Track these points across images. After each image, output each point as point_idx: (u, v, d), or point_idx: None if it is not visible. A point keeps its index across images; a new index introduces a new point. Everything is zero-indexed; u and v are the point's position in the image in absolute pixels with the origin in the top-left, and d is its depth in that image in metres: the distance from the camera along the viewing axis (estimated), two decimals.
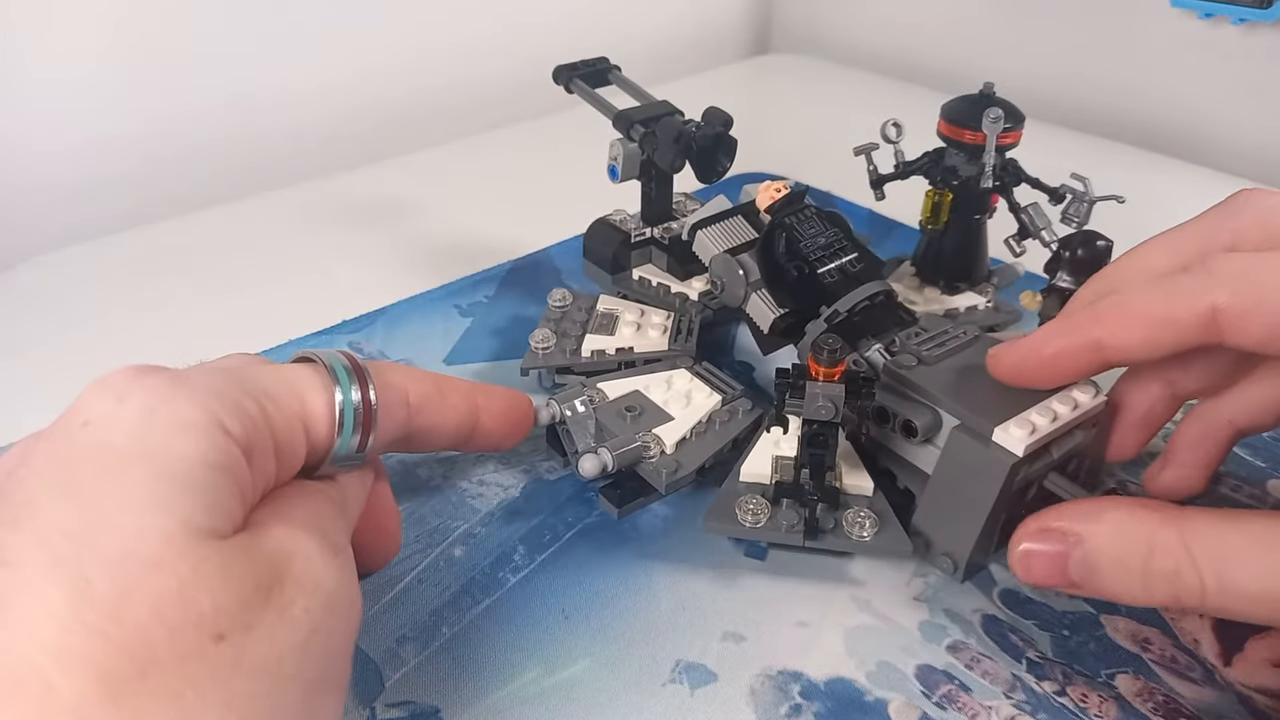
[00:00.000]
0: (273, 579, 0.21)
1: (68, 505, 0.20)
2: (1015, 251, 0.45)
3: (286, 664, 0.21)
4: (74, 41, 0.59)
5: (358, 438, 0.26)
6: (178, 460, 0.21)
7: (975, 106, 0.43)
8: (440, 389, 0.30)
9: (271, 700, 0.20)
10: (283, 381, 0.25)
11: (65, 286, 0.53)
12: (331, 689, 0.23)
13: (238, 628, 0.20)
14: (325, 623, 0.22)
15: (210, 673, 0.19)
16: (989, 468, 0.32)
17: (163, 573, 0.20)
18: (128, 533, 0.20)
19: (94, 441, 0.21)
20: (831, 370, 0.31)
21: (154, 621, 0.19)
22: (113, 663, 0.18)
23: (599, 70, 0.47)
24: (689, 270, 0.46)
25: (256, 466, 0.23)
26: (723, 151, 0.43)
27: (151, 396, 0.22)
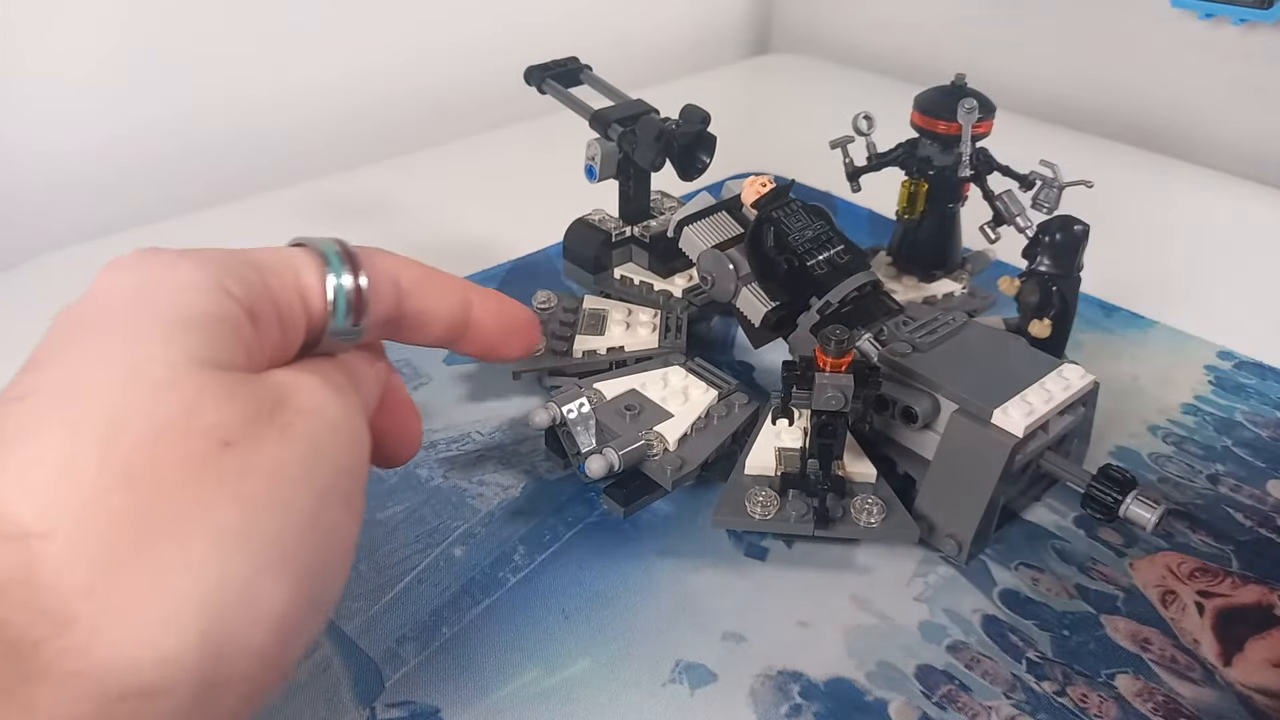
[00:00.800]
0: (275, 403, 0.23)
1: (82, 345, 0.22)
2: (990, 238, 0.45)
3: (292, 471, 0.22)
4: (75, 42, 0.59)
5: (352, 317, 0.27)
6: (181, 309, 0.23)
7: (948, 97, 0.44)
8: (431, 275, 0.31)
9: (281, 503, 0.22)
10: (280, 259, 0.26)
11: (65, 286, 0.53)
12: (341, 504, 0.24)
13: (243, 438, 0.21)
14: (328, 442, 0.24)
15: (220, 473, 0.21)
16: (990, 449, 0.32)
17: (170, 390, 0.21)
18: (135, 360, 0.21)
19: (106, 301, 0.23)
20: (839, 361, 0.31)
21: (164, 429, 0.21)
22: (126, 461, 0.20)
23: (571, 70, 0.47)
24: (671, 268, 0.46)
25: (263, 329, 0.25)
26: (703, 149, 0.43)
27: (158, 265, 0.24)
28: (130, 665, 0.19)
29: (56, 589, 0.19)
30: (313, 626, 0.23)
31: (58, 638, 0.18)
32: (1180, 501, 0.38)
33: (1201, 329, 0.50)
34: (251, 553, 0.21)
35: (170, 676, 0.19)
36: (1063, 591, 0.34)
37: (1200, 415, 0.43)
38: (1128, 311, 0.51)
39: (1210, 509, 0.38)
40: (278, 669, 0.22)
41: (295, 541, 0.22)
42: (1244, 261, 0.58)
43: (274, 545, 0.21)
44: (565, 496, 0.38)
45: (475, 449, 0.40)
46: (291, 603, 0.22)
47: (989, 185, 0.45)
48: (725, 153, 0.45)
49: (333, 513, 0.24)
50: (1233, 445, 0.42)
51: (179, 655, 0.19)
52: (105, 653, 0.19)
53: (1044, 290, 0.39)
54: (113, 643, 0.19)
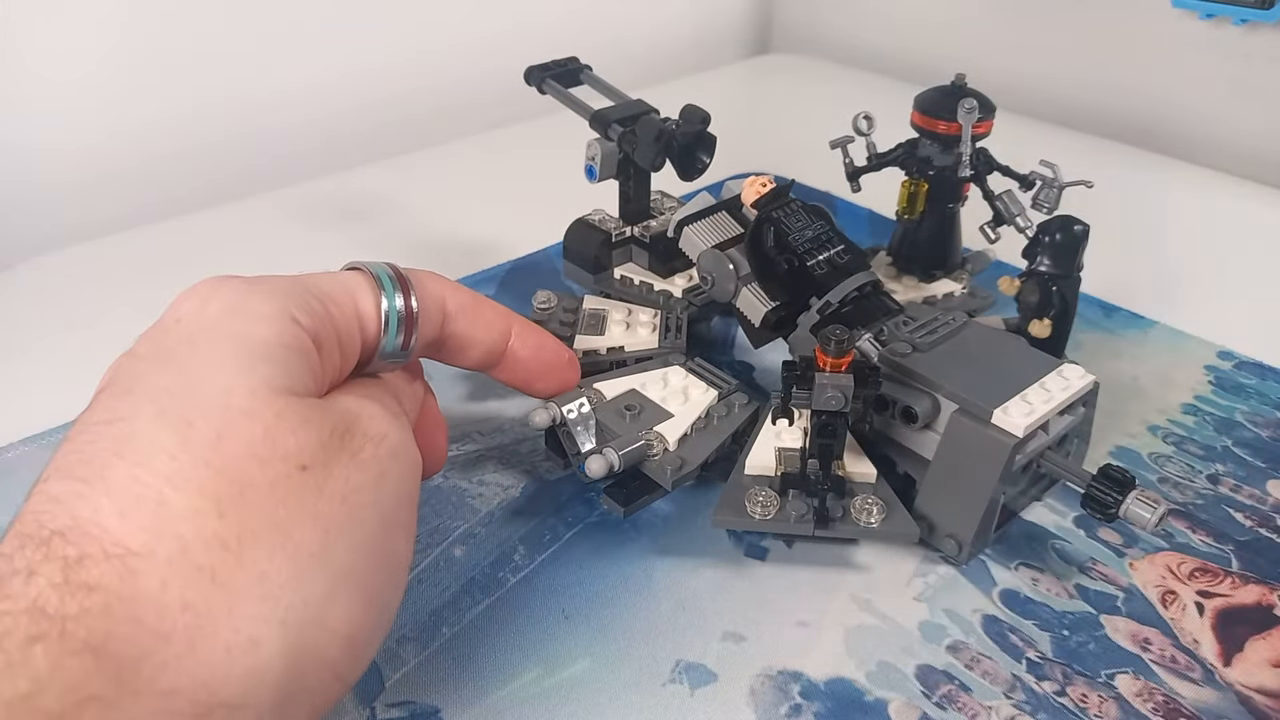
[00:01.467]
0: (345, 429, 0.25)
1: (168, 373, 0.23)
2: (990, 238, 0.45)
3: (363, 496, 0.24)
4: (74, 42, 0.59)
5: (401, 338, 0.29)
6: (258, 340, 0.24)
7: (948, 97, 0.44)
8: (477, 302, 0.33)
9: (351, 524, 0.23)
10: (339, 285, 0.28)
11: (65, 286, 0.53)
12: (401, 528, 0.26)
13: (318, 462, 0.23)
14: (391, 468, 0.25)
15: (299, 495, 0.22)
16: (990, 449, 0.32)
17: (251, 418, 0.23)
18: (219, 389, 0.23)
19: (185, 331, 0.25)
20: (839, 361, 0.31)
21: (247, 455, 0.22)
22: (215, 485, 0.21)
23: (571, 70, 0.47)
24: (671, 268, 0.46)
25: (326, 356, 0.26)
26: (703, 149, 0.43)
27: (232, 295, 0.26)
28: (221, 679, 0.20)
29: (156, 605, 0.20)
30: (377, 641, 0.25)
31: (156, 652, 0.20)
32: (1180, 501, 0.38)
33: (1201, 329, 0.50)
34: (328, 572, 0.22)
35: (255, 690, 0.20)
36: (1063, 591, 0.34)
37: (1200, 415, 0.44)
38: (1128, 311, 0.51)
39: (1210, 509, 0.38)
40: (344, 681, 0.23)
41: (364, 562, 0.24)
42: (1244, 261, 0.58)
43: (347, 565, 0.23)
44: (565, 496, 0.38)
45: (475, 449, 0.40)
46: (362, 620, 0.23)
47: (989, 185, 0.45)
48: (725, 153, 0.45)
49: (395, 534, 0.25)
50: (1233, 445, 0.42)
51: (264, 670, 0.21)
52: (199, 666, 0.20)
53: (1044, 290, 0.39)
54: (206, 657, 0.20)
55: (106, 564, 0.20)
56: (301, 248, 0.58)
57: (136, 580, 0.20)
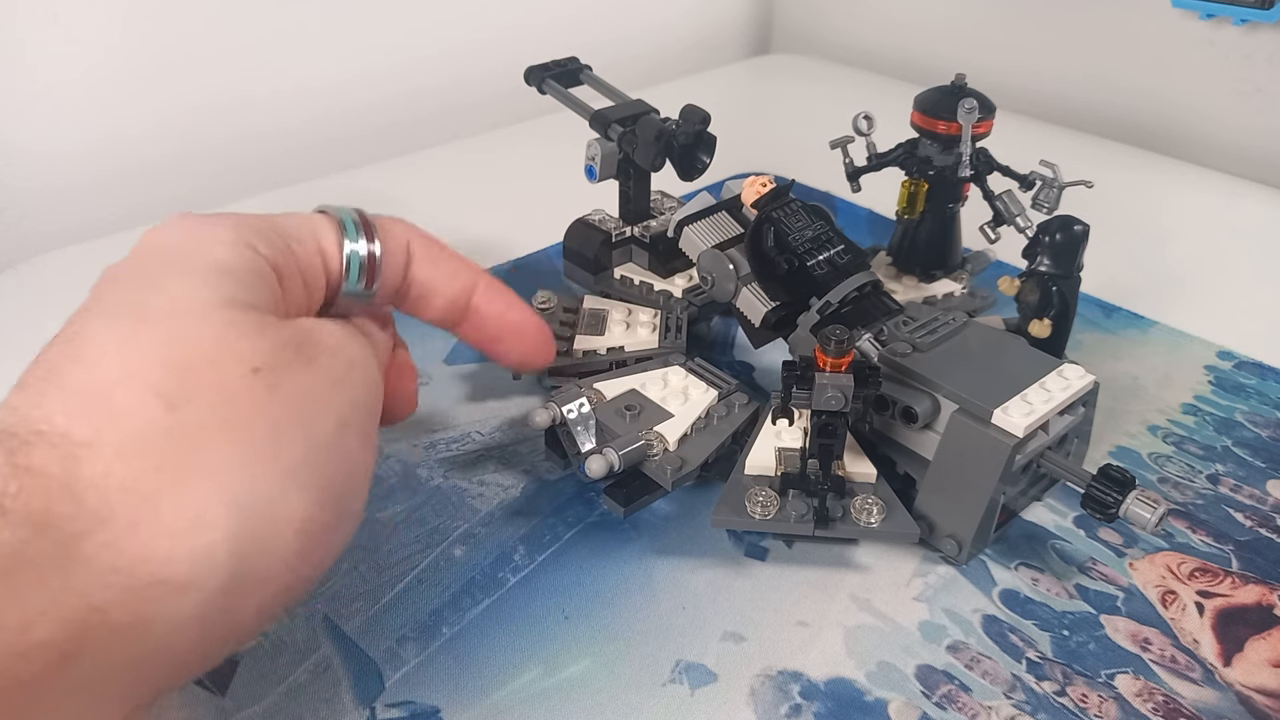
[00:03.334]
0: (300, 340, 0.25)
1: (123, 288, 0.24)
2: (990, 238, 0.45)
3: (317, 399, 0.24)
4: (75, 43, 0.59)
5: (363, 281, 0.29)
6: (214, 259, 0.25)
7: (948, 98, 0.44)
8: (442, 251, 0.33)
9: (304, 424, 0.24)
10: (303, 225, 0.29)
11: (65, 286, 0.53)
12: (357, 433, 0.26)
13: (270, 366, 0.23)
14: (347, 375, 0.26)
15: (249, 394, 0.23)
16: (990, 449, 0.32)
17: (204, 324, 0.23)
18: (171, 298, 0.24)
19: (145, 256, 0.25)
20: (839, 361, 0.31)
21: (199, 357, 0.22)
22: (163, 382, 0.22)
23: (571, 70, 0.47)
24: (671, 268, 0.46)
25: (288, 286, 0.27)
26: (703, 149, 0.43)
27: (193, 223, 0.26)
28: (163, 558, 0.20)
29: (97, 486, 0.20)
30: (336, 539, 0.25)
31: (98, 531, 0.20)
32: (1180, 501, 0.38)
33: (1201, 329, 0.50)
34: (278, 465, 0.23)
35: (199, 572, 0.21)
36: (1063, 591, 0.34)
37: (1200, 415, 0.44)
38: (1128, 311, 0.51)
39: (1210, 509, 0.38)
40: (300, 575, 0.24)
41: (317, 460, 0.24)
42: (1244, 261, 0.58)
43: (298, 461, 0.23)
44: (565, 496, 0.38)
45: (475, 449, 0.40)
46: (313, 513, 0.23)
47: (989, 185, 0.45)
48: (725, 153, 0.45)
49: (350, 439, 0.25)
50: (1233, 445, 0.42)
51: (208, 553, 0.21)
52: (140, 545, 0.20)
53: (1044, 290, 0.39)
54: (148, 536, 0.20)
55: (50, 451, 0.20)
56: None
57: (79, 466, 0.20)
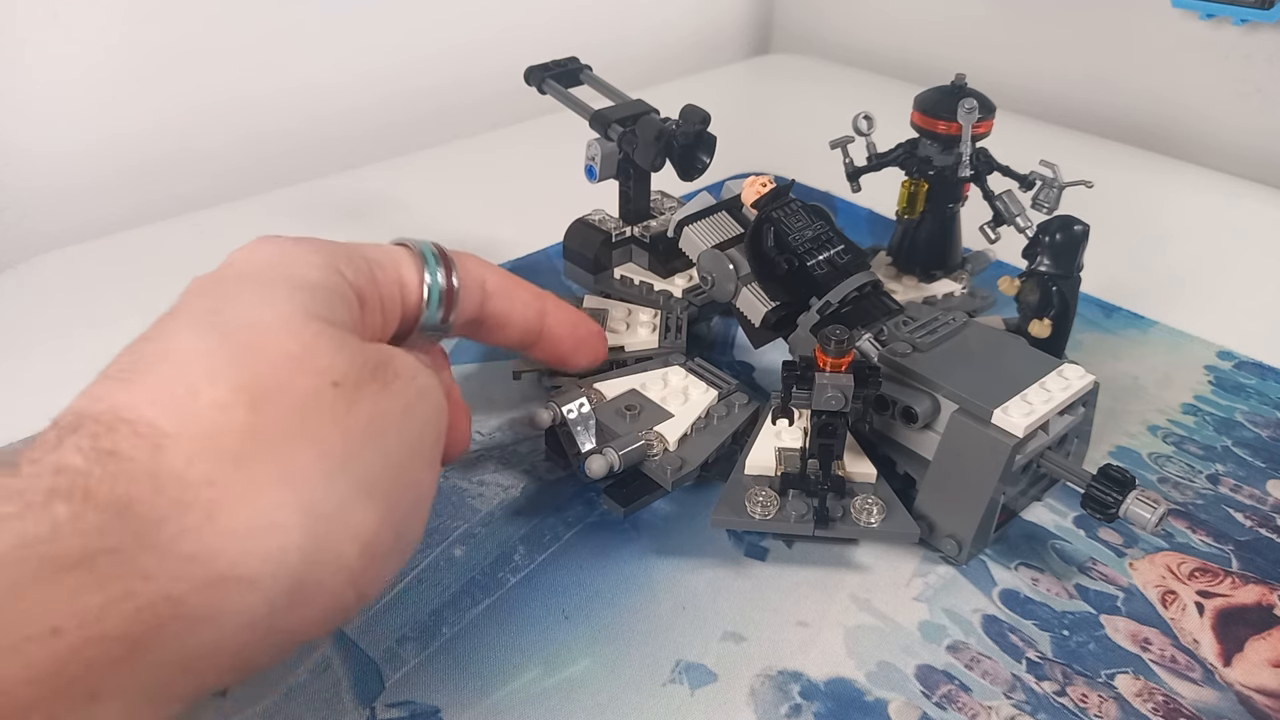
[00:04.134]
0: (377, 363, 0.25)
1: (210, 299, 0.25)
2: (990, 238, 0.45)
3: (389, 421, 0.25)
4: (75, 42, 0.59)
5: (442, 311, 0.30)
6: (301, 278, 0.26)
7: (948, 97, 0.44)
8: (514, 283, 0.34)
9: (377, 442, 0.24)
10: (385, 254, 0.30)
11: (65, 286, 0.53)
12: (424, 461, 0.26)
13: (349, 382, 0.24)
14: (419, 403, 0.26)
15: (329, 405, 0.23)
16: (990, 449, 0.32)
17: (288, 334, 0.24)
18: (259, 308, 0.24)
19: (234, 271, 0.26)
20: (839, 361, 0.31)
21: (282, 362, 0.23)
22: (249, 383, 0.22)
23: (571, 70, 0.47)
24: (671, 268, 0.46)
25: (368, 312, 0.28)
26: (703, 149, 0.43)
27: (283, 244, 0.27)
28: (238, 553, 0.21)
29: (179, 478, 0.21)
30: (394, 560, 0.25)
31: (178, 518, 0.20)
32: (1180, 501, 0.38)
33: (1201, 329, 0.50)
34: (350, 478, 0.23)
35: (269, 571, 0.21)
36: (1063, 591, 0.34)
37: (1200, 415, 0.44)
38: (1128, 311, 0.51)
39: (1210, 509, 0.38)
40: (358, 590, 0.24)
41: (387, 479, 0.24)
42: (1244, 261, 0.58)
43: (368, 476, 0.24)
44: (565, 496, 0.38)
45: (475, 449, 0.40)
46: (379, 530, 0.24)
47: (989, 185, 0.45)
48: (726, 153, 0.45)
49: (418, 465, 0.26)
50: (1233, 445, 0.42)
51: (281, 554, 0.21)
52: (217, 538, 0.20)
53: (1044, 290, 0.39)
54: (226, 530, 0.21)
55: (135, 439, 0.21)
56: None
57: (163, 455, 0.21)
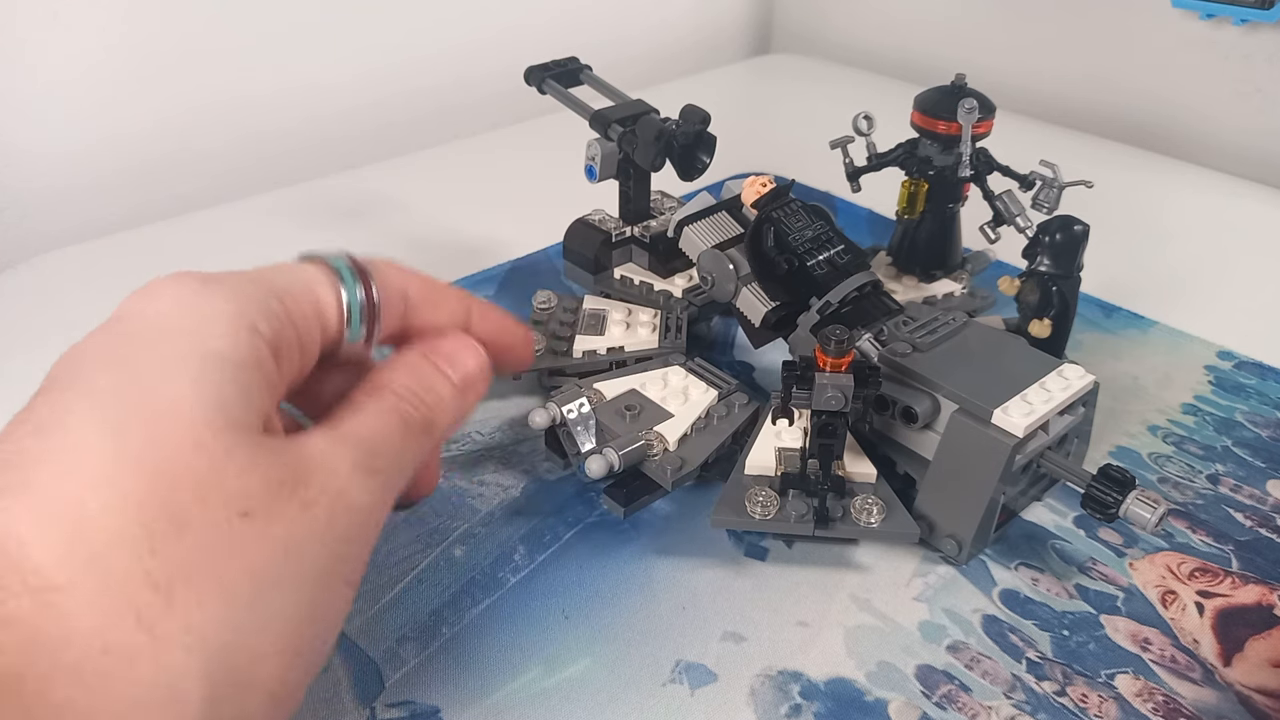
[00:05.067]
0: (298, 480, 0.23)
1: (112, 372, 0.22)
2: (990, 238, 0.45)
3: (305, 551, 0.23)
4: (75, 43, 0.59)
5: (365, 330, 0.28)
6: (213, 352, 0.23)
7: (948, 98, 0.44)
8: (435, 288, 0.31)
9: (289, 578, 0.22)
10: (298, 281, 0.27)
11: (65, 286, 0.53)
12: (342, 582, 0.24)
13: (261, 510, 0.22)
14: (344, 524, 0.24)
15: (238, 542, 0.21)
16: (990, 449, 0.32)
17: (199, 452, 0.21)
18: (166, 404, 0.21)
19: (135, 327, 0.23)
20: (839, 361, 0.31)
21: (188, 490, 0.21)
22: (153, 519, 0.20)
23: (571, 70, 0.47)
24: (671, 268, 0.46)
25: (285, 362, 0.25)
26: (703, 149, 0.43)
27: (187, 294, 0.24)
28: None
29: (76, 644, 0.19)
30: (299, 696, 0.24)
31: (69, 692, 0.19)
32: (1180, 501, 0.38)
33: (1201, 329, 0.50)
34: (258, 626, 0.21)
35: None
36: (1063, 591, 0.34)
37: (1200, 415, 0.43)
38: (1128, 311, 0.51)
39: (1210, 509, 0.38)
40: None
41: (298, 616, 0.22)
42: (1244, 261, 0.58)
43: (279, 619, 0.22)
44: (565, 496, 0.38)
45: (475, 449, 0.40)
46: (286, 678, 0.22)
47: (989, 185, 0.45)
48: (726, 153, 0.45)
49: (335, 589, 0.24)
50: (1233, 445, 0.42)
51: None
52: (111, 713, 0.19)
53: (1044, 290, 0.39)
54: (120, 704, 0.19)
55: (26, 598, 0.19)
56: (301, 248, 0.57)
57: (56, 617, 0.19)
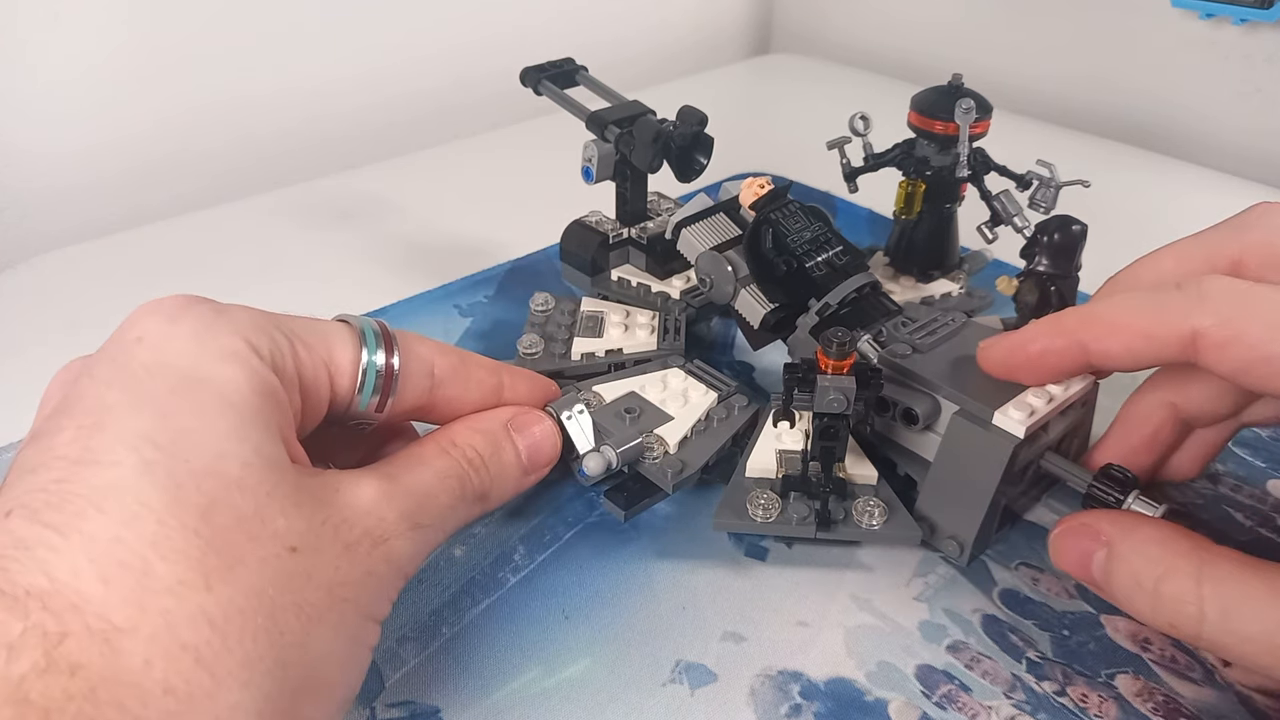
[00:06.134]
0: (341, 521, 0.24)
1: (147, 417, 0.22)
2: (988, 238, 0.45)
3: (348, 589, 0.23)
4: (75, 43, 0.59)
5: (377, 398, 0.28)
6: (233, 388, 0.23)
7: (945, 97, 0.44)
8: (465, 363, 0.31)
9: (333, 614, 0.23)
10: (314, 330, 0.27)
11: (65, 286, 0.53)
12: (374, 622, 0.25)
13: (308, 547, 0.23)
14: (384, 571, 0.25)
15: (287, 578, 0.22)
16: (991, 451, 0.32)
17: (243, 492, 0.22)
18: (210, 453, 0.22)
19: (153, 360, 0.23)
20: (841, 363, 0.31)
21: (238, 529, 0.21)
22: (204, 557, 0.21)
23: (566, 71, 0.47)
24: (668, 269, 0.46)
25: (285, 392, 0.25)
26: (700, 150, 0.43)
27: (199, 323, 0.24)
28: None
29: (138, 687, 0.19)
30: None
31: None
32: (1180, 501, 0.38)
33: None
34: (306, 661, 0.22)
35: None
36: (1063, 591, 0.34)
37: None
38: None
39: (1210, 509, 0.38)
40: None
41: (340, 654, 0.23)
42: None
43: (323, 656, 0.22)
44: (565, 497, 0.38)
45: None
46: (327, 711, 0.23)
47: (986, 185, 0.45)
48: (726, 153, 0.45)
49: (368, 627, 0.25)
50: (1233, 445, 0.42)
51: None
52: None
53: (1043, 290, 0.39)
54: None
55: (90, 641, 0.19)
56: (301, 248, 0.58)
57: (119, 659, 0.19)
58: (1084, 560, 0.28)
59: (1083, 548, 0.28)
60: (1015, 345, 0.32)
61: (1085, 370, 0.31)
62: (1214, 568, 0.26)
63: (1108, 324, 0.29)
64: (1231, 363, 0.27)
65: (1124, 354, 0.29)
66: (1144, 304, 0.29)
